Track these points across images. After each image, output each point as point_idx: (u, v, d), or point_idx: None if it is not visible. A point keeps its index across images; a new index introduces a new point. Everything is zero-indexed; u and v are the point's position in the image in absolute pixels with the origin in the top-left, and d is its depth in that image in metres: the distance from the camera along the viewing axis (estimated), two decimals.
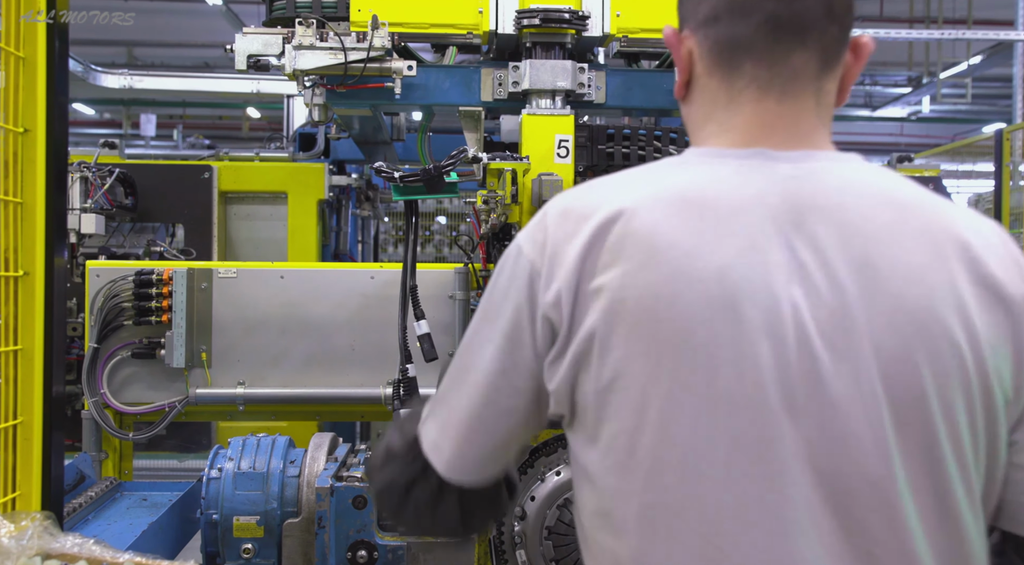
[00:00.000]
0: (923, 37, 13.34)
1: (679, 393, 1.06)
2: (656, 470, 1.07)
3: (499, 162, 2.66)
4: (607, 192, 1.17)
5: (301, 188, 4.37)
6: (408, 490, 1.28)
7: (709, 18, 1.19)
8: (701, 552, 1.06)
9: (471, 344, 1.22)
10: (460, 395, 1.22)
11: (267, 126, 18.51)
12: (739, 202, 1.11)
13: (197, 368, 3.08)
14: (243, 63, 3.15)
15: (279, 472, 2.34)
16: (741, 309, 1.05)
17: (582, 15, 3.08)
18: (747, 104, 1.18)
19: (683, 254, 1.08)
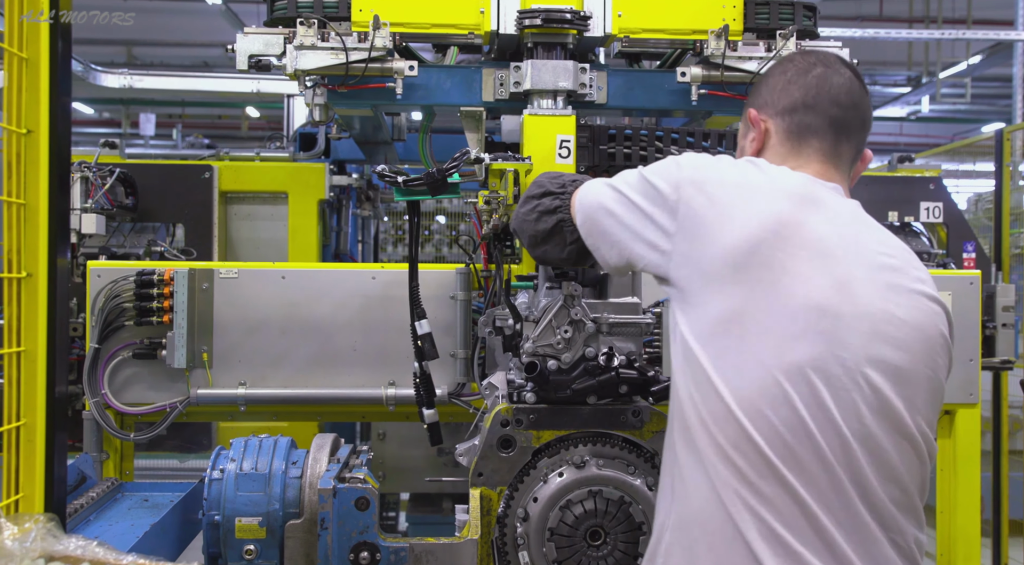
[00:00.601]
0: (923, 37, 13.36)
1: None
2: None
3: (501, 163, 2.65)
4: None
5: (302, 188, 4.37)
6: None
7: (788, 108, 1.92)
8: None
9: None
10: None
11: (266, 125, 18.51)
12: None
13: (198, 368, 3.08)
14: (244, 63, 3.15)
15: (281, 473, 2.34)
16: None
17: (584, 15, 3.07)
18: (813, 164, 1.89)
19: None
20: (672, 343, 1.78)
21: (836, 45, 3.27)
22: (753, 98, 2.02)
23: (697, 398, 1.68)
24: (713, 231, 1.70)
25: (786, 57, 2.07)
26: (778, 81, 1.96)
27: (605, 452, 2.19)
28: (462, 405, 3.12)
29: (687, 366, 1.71)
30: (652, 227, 1.79)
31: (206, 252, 4.29)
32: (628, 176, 1.91)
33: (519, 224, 2.20)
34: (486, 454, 2.18)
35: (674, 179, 1.79)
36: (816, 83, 1.91)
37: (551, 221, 2.08)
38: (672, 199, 1.77)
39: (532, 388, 2.19)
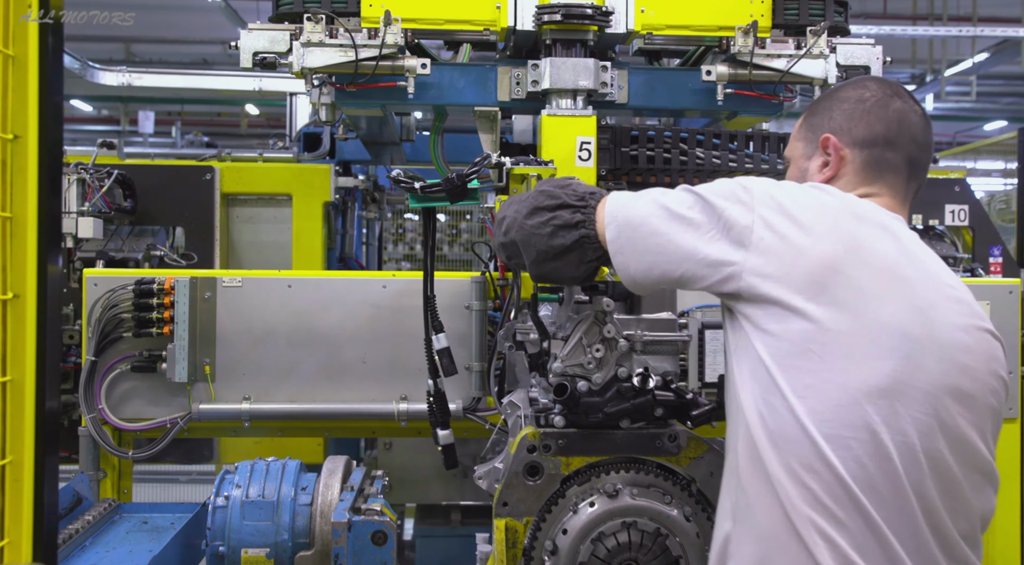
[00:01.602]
0: (927, 34, 13.18)
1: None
2: None
3: (523, 167, 2.50)
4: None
5: (306, 190, 4.21)
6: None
7: (868, 141, 1.88)
8: None
9: None
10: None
11: (266, 123, 18.34)
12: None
13: (200, 382, 2.93)
14: (248, 61, 3.00)
15: (290, 500, 2.19)
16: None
17: (606, 11, 2.92)
18: (883, 198, 1.86)
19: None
20: (736, 361, 1.71)
21: (868, 42, 3.12)
22: (823, 121, 1.94)
23: (768, 418, 1.62)
24: (793, 251, 1.64)
25: (857, 82, 1.98)
26: (855, 109, 1.90)
27: (639, 480, 2.04)
28: (477, 421, 2.97)
29: (756, 385, 1.64)
30: (715, 247, 1.71)
31: (207, 256, 4.14)
32: (677, 195, 1.81)
33: (525, 237, 2.01)
34: (511, 482, 2.03)
35: (745, 200, 1.72)
36: (898, 118, 1.88)
37: (571, 237, 1.93)
38: (745, 222, 1.69)
39: (560, 411, 2.04)
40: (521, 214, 2.02)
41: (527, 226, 1.99)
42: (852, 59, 3.07)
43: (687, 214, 1.74)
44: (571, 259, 1.95)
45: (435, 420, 2.67)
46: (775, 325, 1.62)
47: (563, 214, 1.94)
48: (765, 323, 1.63)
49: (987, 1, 14.66)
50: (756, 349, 1.64)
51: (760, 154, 3.09)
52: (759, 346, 1.64)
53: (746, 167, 3.07)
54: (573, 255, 1.94)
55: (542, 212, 1.98)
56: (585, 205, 1.94)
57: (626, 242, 1.82)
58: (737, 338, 1.71)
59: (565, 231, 1.93)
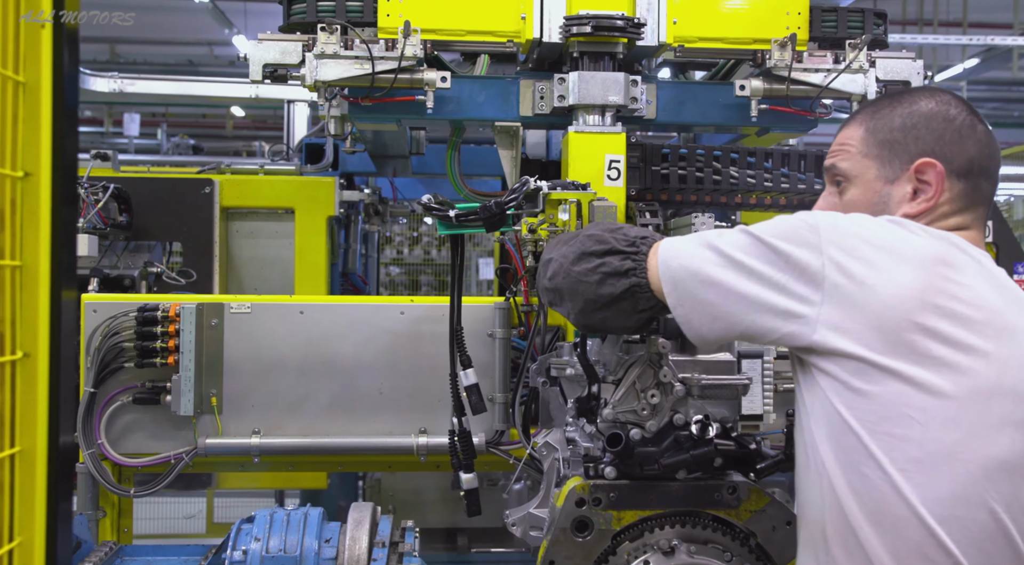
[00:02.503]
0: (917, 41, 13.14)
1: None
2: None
3: (561, 192, 2.34)
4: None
5: (309, 204, 4.04)
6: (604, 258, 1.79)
7: (964, 169, 1.67)
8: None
9: None
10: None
11: (252, 125, 18.13)
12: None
13: (207, 415, 2.75)
14: (258, 73, 2.84)
15: (314, 554, 2.01)
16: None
17: (637, 22, 2.77)
18: (970, 232, 1.66)
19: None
20: (812, 420, 1.51)
21: (909, 56, 2.98)
22: (906, 139, 1.68)
23: (864, 494, 1.43)
24: (874, 299, 1.43)
25: (927, 94, 1.73)
26: (946, 129, 1.67)
27: (695, 535, 1.89)
28: (501, 455, 2.80)
29: (842, 452, 1.45)
30: (782, 296, 1.51)
31: (206, 273, 3.96)
32: (735, 238, 1.59)
33: (572, 285, 1.83)
34: (559, 538, 1.87)
35: (812, 242, 1.50)
36: (986, 141, 1.68)
37: (621, 285, 1.74)
38: (814, 266, 1.48)
39: (612, 461, 1.88)
40: (568, 259, 1.84)
41: (574, 272, 1.82)
42: (892, 74, 2.94)
43: (745, 260, 1.55)
44: (622, 309, 1.77)
45: (458, 463, 2.51)
46: (859, 383, 1.43)
47: (612, 261, 1.76)
48: (847, 380, 1.44)
49: (977, 7, 14.67)
50: (837, 409, 1.46)
51: (797, 173, 2.94)
52: (841, 407, 1.45)
53: (782, 187, 2.93)
54: (624, 305, 1.76)
55: (590, 258, 1.80)
56: (636, 251, 1.76)
57: (685, 293, 1.63)
58: (812, 395, 1.52)
59: (615, 279, 1.75)
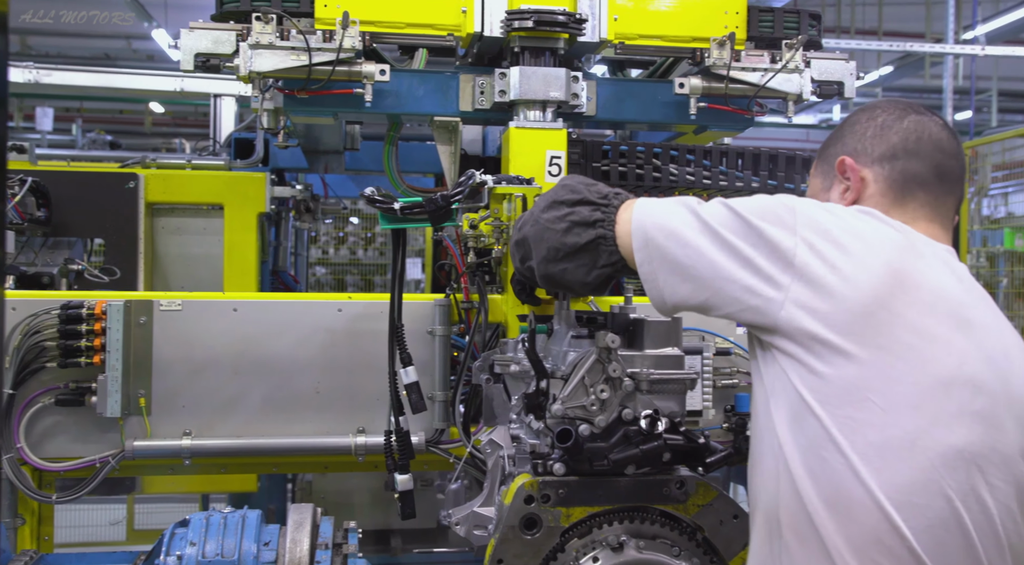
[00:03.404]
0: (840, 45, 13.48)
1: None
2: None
3: (506, 186, 2.31)
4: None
5: (240, 200, 3.93)
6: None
7: (887, 155, 1.71)
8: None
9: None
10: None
11: (171, 121, 17.68)
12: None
13: (134, 416, 2.65)
14: (190, 63, 2.73)
15: (252, 559, 1.94)
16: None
17: (579, 18, 2.76)
18: (920, 222, 1.65)
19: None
20: (773, 405, 1.51)
21: (843, 57, 3.04)
22: (836, 149, 1.79)
23: (823, 478, 1.42)
24: (842, 282, 1.44)
25: (866, 107, 1.83)
26: (867, 126, 1.76)
27: (643, 530, 1.88)
28: (440, 454, 2.76)
29: (802, 435, 1.45)
30: (752, 272, 1.51)
31: (131, 270, 3.82)
32: (714, 209, 1.60)
33: (538, 232, 1.85)
34: (507, 536, 1.84)
35: (788, 222, 1.52)
36: (915, 128, 1.73)
37: (587, 235, 1.76)
38: (786, 245, 1.49)
39: (561, 458, 1.86)
40: (539, 207, 1.85)
41: (542, 219, 1.83)
42: (827, 74, 2.99)
43: (720, 231, 1.55)
44: (583, 261, 1.77)
45: (393, 464, 2.46)
46: (822, 366, 1.43)
47: (582, 210, 1.77)
48: (810, 362, 1.44)
49: (892, 16, 15.15)
50: (799, 392, 1.45)
51: (735, 171, 2.97)
52: (802, 389, 1.45)
53: (720, 184, 2.95)
54: (586, 257, 1.77)
55: (560, 206, 1.81)
56: (607, 204, 1.77)
57: (655, 251, 1.62)
58: (772, 378, 1.52)
59: (581, 229, 1.76)
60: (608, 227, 1.74)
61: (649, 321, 1.97)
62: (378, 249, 9.18)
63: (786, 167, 3.02)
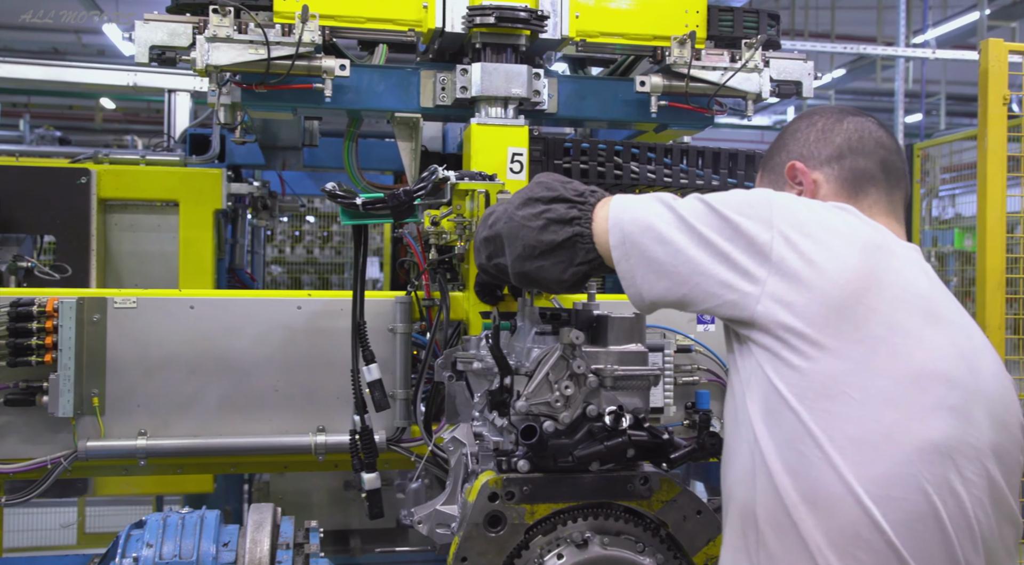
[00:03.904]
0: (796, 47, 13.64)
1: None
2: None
3: (468, 182, 2.30)
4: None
5: (195, 196, 3.86)
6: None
7: (834, 156, 1.76)
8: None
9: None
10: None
11: (123, 118, 17.36)
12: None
13: (87, 416, 2.59)
14: (145, 55, 2.68)
15: (211, 560, 1.91)
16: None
17: (541, 15, 2.76)
18: (878, 218, 1.67)
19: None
20: (748, 399, 1.51)
21: (800, 57, 3.07)
22: (781, 158, 1.83)
23: (801, 472, 1.42)
24: (818, 276, 1.45)
25: (802, 115, 1.88)
26: (809, 133, 1.81)
27: (608, 527, 1.88)
28: (402, 452, 2.74)
29: (778, 429, 1.45)
30: (728, 267, 1.51)
31: (83, 268, 3.74)
32: (690, 204, 1.60)
33: (513, 229, 1.82)
34: (471, 534, 1.83)
35: (764, 217, 1.52)
36: (856, 128, 1.78)
37: (564, 233, 1.74)
38: (762, 239, 1.50)
39: (525, 454, 1.85)
40: (513, 204, 1.83)
41: (517, 216, 1.80)
42: (785, 74, 3.01)
43: (697, 225, 1.55)
44: (560, 258, 1.75)
45: (359, 463, 2.43)
46: (798, 360, 1.43)
47: (558, 207, 1.76)
48: (787, 356, 1.44)
49: (844, 20, 15.39)
50: (775, 386, 1.45)
51: (695, 169, 2.98)
52: (779, 383, 1.45)
53: (681, 182, 2.97)
54: (563, 254, 1.75)
55: (535, 204, 1.79)
56: (583, 202, 1.76)
57: (632, 247, 1.62)
58: (748, 372, 1.52)
59: (558, 226, 1.74)
60: (585, 224, 1.73)
61: (613, 317, 1.97)
62: (335, 248, 9.11)
63: (746, 165, 3.04)
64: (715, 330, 2.92)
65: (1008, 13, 13.30)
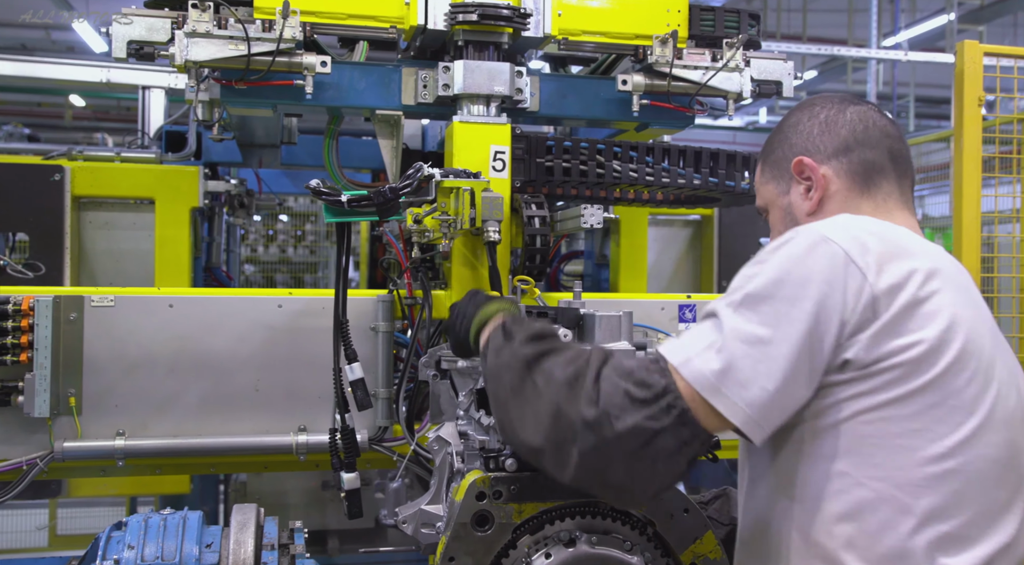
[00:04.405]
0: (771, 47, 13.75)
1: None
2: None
3: (453, 180, 2.29)
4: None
5: (171, 194, 3.81)
6: (656, 435, 1.46)
7: (840, 148, 1.73)
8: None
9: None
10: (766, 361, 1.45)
11: (92, 115, 17.15)
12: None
13: (64, 416, 2.55)
14: (122, 51, 2.64)
15: (194, 561, 1.88)
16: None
17: (524, 12, 2.75)
18: (895, 214, 1.71)
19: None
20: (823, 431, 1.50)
21: (781, 57, 3.08)
22: (784, 152, 1.80)
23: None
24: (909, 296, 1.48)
25: (801, 106, 1.84)
26: (811, 125, 1.78)
27: (594, 525, 1.87)
28: (384, 452, 2.73)
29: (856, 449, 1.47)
30: (819, 343, 1.46)
31: (56, 267, 3.69)
32: (738, 315, 1.49)
33: (602, 462, 1.51)
34: (459, 534, 1.82)
35: (823, 274, 1.47)
36: (859, 118, 1.75)
37: (683, 434, 1.50)
38: (867, 293, 1.47)
39: (513, 453, 1.85)
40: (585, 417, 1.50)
41: (612, 444, 1.49)
42: (766, 74, 3.03)
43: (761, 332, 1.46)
44: (678, 458, 1.53)
45: (339, 463, 2.41)
46: (899, 389, 1.44)
47: (665, 438, 1.48)
48: (887, 391, 1.44)
49: (815, 22, 15.53)
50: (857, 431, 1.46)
51: (677, 168, 2.99)
52: (866, 429, 1.46)
53: (663, 181, 2.97)
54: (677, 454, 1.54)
55: (638, 434, 1.47)
56: (664, 392, 1.50)
57: (742, 391, 1.47)
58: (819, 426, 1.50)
59: (674, 430, 1.49)
60: (683, 401, 1.50)
61: (599, 315, 1.97)
62: (309, 247, 9.06)
63: (727, 165, 3.05)
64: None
65: (976, 17, 13.48)
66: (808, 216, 1.74)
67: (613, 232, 4.14)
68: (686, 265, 4.58)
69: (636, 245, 4.07)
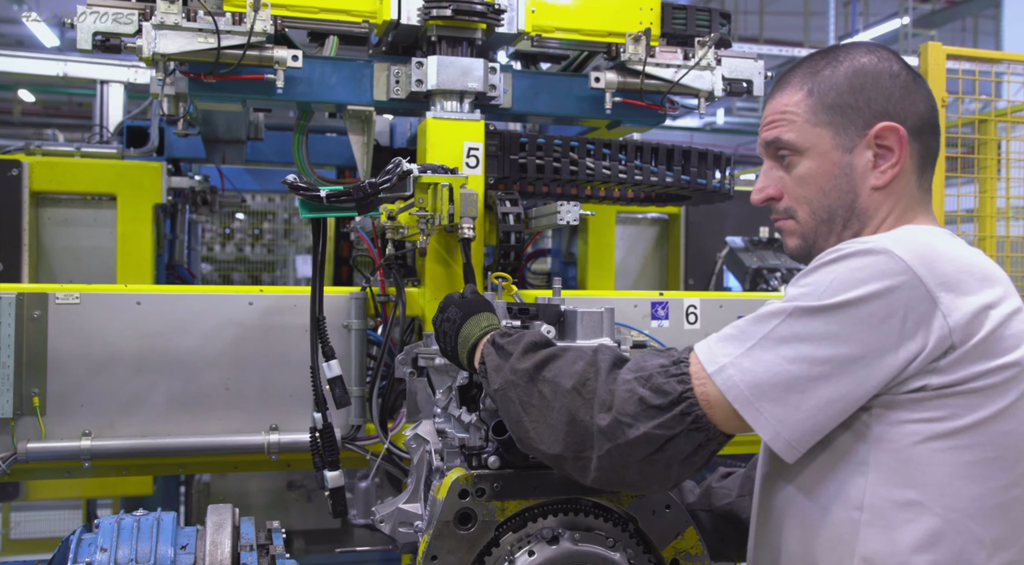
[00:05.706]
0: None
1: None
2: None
3: (432, 176, 2.26)
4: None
5: (134, 190, 3.73)
6: (668, 441, 1.45)
7: (918, 128, 1.55)
8: None
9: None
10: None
11: (43, 111, 16.77)
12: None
13: (27, 416, 2.48)
14: (88, 42, 2.58)
15: (169, 563, 1.84)
16: None
17: (498, 8, 2.74)
18: (924, 217, 1.60)
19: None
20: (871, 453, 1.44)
21: (751, 56, 3.10)
22: (858, 100, 1.53)
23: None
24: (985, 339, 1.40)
25: (862, 50, 1.58)
26: (893, 85, 1.54)
27: (577, 522, 1.86)
28: (357, 451, 2.69)
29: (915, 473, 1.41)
30: (884, 354, 1.38)
31: (14, 264, 3.59)
32: (795, 324, 1.40)
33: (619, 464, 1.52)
34: (441, 532, 1.80)
35: (900, 294, 1.38)
36: (928, 95, 1.58)
37: (697, 439, 1.47)
38: (921, 312, 1.38)
39: (496, 450, 1.83)
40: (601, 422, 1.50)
41: (623, 449, 1.49)
42: (737, 72, 3.05)
43: (840, 330, 1.37)
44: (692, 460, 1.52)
45: (321, 461, 2.38)
46: (976, 414, 1.38)
47: (678, 443, 1.47)
48: (962, 417, 1.38)
49: (772, 25, 15.75)
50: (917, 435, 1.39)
51: (650, 166, 3.00)
52: (940, 457, 1.39)
53: (635, 179, 2.98)
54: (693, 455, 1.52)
55: (651, 441, 1.46)
56: (683, 412, 1.46)
57: (788, 405, 1.40)
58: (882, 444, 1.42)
59: (689, 434, 1.47)
60: (703, 424, 1.47)
61: (581, 311, 1.97)
62: (266, 246, 8.95)
63: (699, 163, 3.07)
64: (668, 326, 2.94)
65: (928, 21, 13.76)
66: (873, 192, 1.56)
67: (581, 230, 4.14)
68: (653, 263, 4.60)
69: (604, 243, 4.08)
